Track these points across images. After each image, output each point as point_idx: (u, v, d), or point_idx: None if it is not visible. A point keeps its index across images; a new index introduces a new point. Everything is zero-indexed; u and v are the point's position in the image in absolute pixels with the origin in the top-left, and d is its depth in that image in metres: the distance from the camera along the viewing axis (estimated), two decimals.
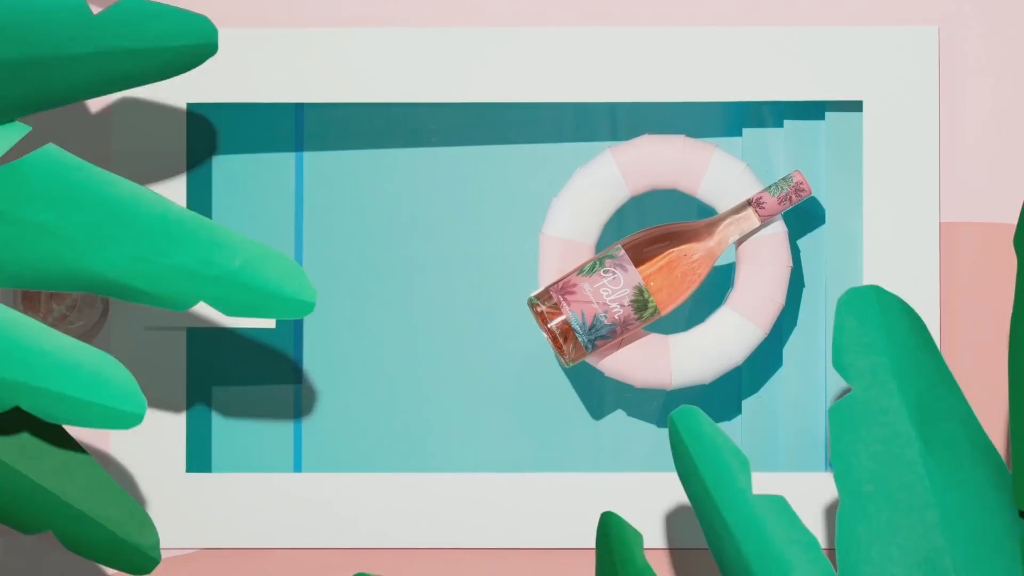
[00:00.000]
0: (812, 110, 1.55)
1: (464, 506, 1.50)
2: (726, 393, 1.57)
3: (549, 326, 1.48)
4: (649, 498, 1.50)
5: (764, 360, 1.57)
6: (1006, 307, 1.49)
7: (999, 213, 1.50)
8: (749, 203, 1.46)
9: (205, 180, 1.59)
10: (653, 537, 1.49)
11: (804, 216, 1.55)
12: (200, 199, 1.57)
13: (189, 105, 1.50)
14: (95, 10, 1.28)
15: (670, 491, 1.50)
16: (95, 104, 1.50)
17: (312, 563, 1.52)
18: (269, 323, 1.50)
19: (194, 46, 1.23)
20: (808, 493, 1.49)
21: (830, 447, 1.20)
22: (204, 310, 1.52)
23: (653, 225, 1.51)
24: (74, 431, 1.51)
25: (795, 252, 1.57)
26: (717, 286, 1.56)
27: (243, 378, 1.63)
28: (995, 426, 1.49)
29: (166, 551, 1.51)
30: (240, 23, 1.51)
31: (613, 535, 1.21)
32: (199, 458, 1.59)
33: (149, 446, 1.51)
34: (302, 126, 1.62)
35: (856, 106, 1.49)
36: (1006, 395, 1.49)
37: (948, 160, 1.48)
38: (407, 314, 1.62)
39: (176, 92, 1.50)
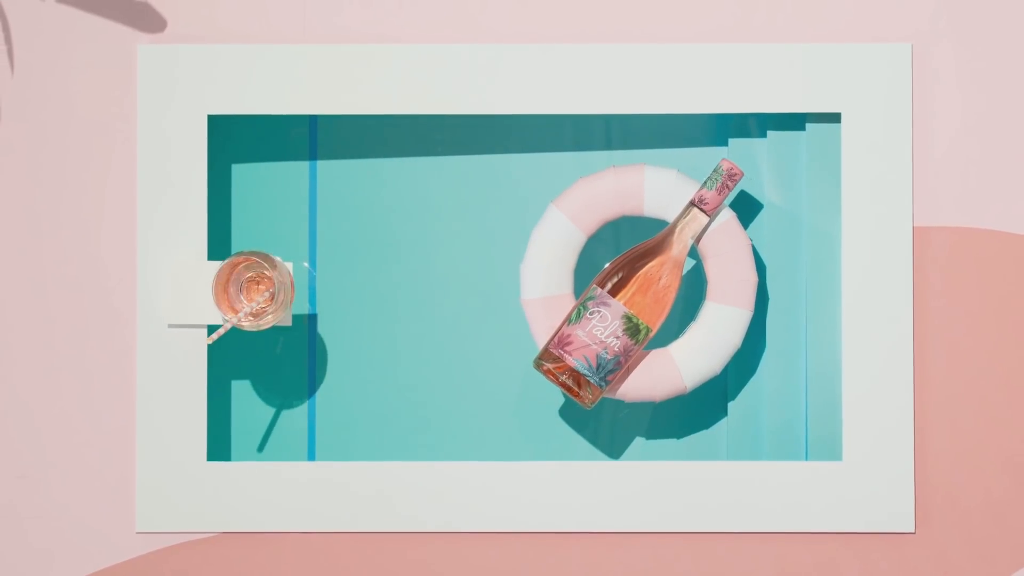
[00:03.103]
0: (794, 121, 1.54)
1: (465, 492, 1.54)
2: (712, 385, 1.59)
3: (561, 380, 1.49)
4: (641, 485, 1.55)
5: (748, 354, 1.61)
6: (975, 306, 1.52)
7: (969, 218, 1.51)
8: (693, 204, 1.46)
9: (224, 186, 1.58)
10: (645, 522, 1.54)
11: (786, 219, 1.60)
12: (219, 205, 1.59)
13: (209, 116, 1.52)
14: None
15: (661, 478, 1.54)
16: (120, 114, 1.54)
17: (324, 546, 1.55)
18: (286, 322, 1.52)
19: None
20: (789, 482, 1.54)
21: None
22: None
23: (616, 255, 1.53)
24: (95, 413, 1.56)
25: (773, 256, 1.61)
26: (694, 287, 1.60)
27: (260, 373, 1.62)
28: (965, 425, 1.54)
29: (188, 535, 1.54)
30: (257, 40, 1.54)
31: None
32: (219, 448, 1.59)
33: (172, 437, 1.53)
34: (315, 136, 1.63)
35: (835, 118, 1.50)
36: (976, 393, 1.53)
37: (921, 168, 1.49)
38: (414, 312, 1.64)
39: (197, 103, 1.51)
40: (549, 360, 1.47)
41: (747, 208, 1.57)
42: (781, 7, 1.53)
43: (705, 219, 1.47)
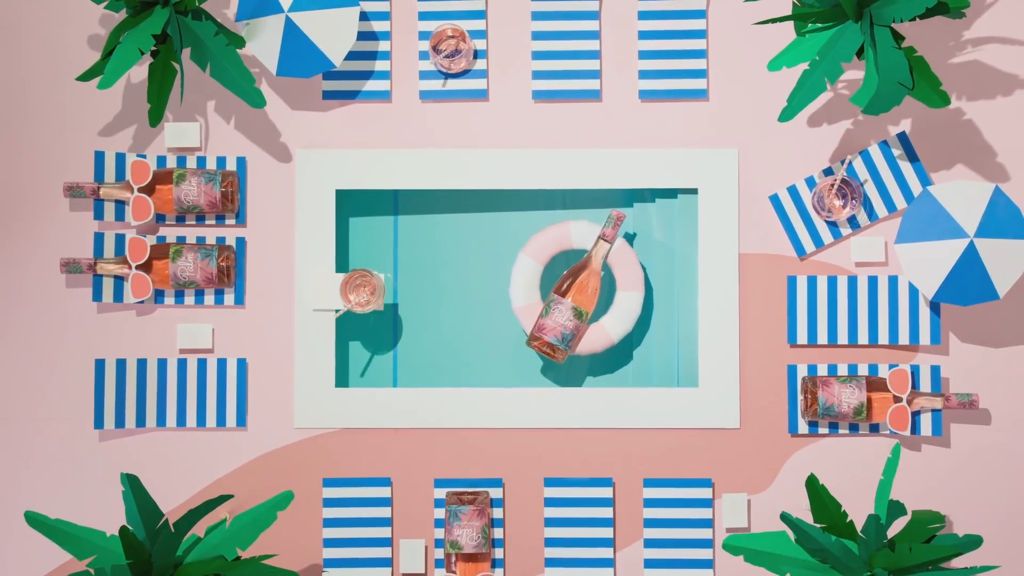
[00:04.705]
0: (671, 193, 2.10)
1: (483, 405, 2.03)
2: (625, 340, 2.06)
3: (543, 349, 1.97)
4: (588, 401, 2.02)
5: (644, 320, 2.07)
6: (772, 296, 2.03)
7: (767, 247, 2.06)
8: (600, 237, 1.95)
9: (345, 231, 2.12)
10: (589, 421, 2.01)
11: (666, 246, 2.05)
12: (341, 240, 2.09)
13: (337, 190, 2.06)
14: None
15: (598, 396, 2.01)
16: (286, 192, 2.05)
17: (401, 435, 2.04)
18: (380, 308, 2.01)
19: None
20: (668, 398, 2.02)
21: None
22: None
23: (562, 273, 2.01)
24: (274, 359, 1.99)
25: (656, 266, 2.06)
26: (611, 284, 2.06)
27: (365, 337, 2.10)
28: (770, 368, 2.02)
29: (323, 430, 2.02)
30: (364, 146, 2.07)
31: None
32: (341, 379, 2.10)
33: (314, 373, 2.04)
34: (397, 202, 2.13)
35: (695, 191, 2.06)
36: (773, 349, 2.01)
37: (743, 218, 2.06)
38: (454, 309, 2.11)
39: (328, 181, 2.04)
40: (534, 340, 2.00)
41: (644, 239, 2.11)
42: (671, 123, 2.05)
43: (608, 245, 1.97)
